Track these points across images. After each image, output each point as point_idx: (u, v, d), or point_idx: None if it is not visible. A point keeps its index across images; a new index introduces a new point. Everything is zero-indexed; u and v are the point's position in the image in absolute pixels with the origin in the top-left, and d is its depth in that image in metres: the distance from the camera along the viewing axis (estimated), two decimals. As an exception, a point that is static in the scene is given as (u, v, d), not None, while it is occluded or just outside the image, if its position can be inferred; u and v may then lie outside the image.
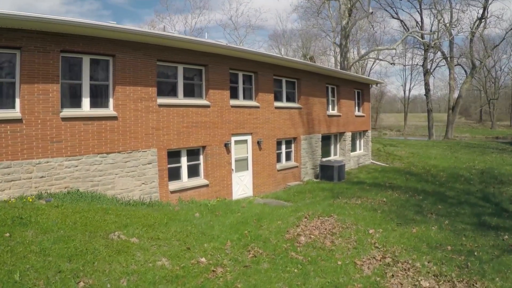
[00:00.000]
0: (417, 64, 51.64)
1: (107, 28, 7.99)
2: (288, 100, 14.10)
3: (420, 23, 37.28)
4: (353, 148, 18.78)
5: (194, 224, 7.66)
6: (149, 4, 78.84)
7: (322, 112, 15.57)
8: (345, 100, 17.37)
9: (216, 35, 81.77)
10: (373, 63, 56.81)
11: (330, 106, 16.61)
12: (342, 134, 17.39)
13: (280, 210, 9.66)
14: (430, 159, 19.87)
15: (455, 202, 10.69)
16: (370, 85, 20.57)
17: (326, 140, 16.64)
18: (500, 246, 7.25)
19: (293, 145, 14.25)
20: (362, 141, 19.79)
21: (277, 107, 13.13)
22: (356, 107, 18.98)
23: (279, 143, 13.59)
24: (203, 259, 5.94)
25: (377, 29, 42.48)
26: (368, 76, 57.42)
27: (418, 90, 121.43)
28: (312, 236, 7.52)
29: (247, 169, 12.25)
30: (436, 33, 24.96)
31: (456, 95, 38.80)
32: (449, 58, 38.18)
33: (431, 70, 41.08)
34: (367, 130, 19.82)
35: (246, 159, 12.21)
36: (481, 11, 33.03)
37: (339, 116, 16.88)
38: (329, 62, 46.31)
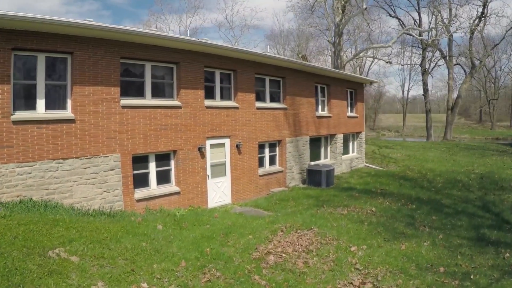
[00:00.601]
0: (415, 64, 50.86)
1: (63, 24, 7.22)
2: (272, 100, 13.15)
3: (418, 21, 36.38)
4: (346, 151, 17.80)
5: (151, 239, 6.77)
6: (149, 4, 78.33)
7: (311, 113, 14.61)
8: (336, 100, 16.40)
9: (212, 35, 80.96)
10: (371, 63, 55.97)
11: (320, 106, 15.65)
12: (333, 136, 16.42)
13: (256, 221, 8.78)
14: (427, 162, 18.88)
15: (452, 212, 9.72)
16: (364, 85, 19.61)
17: (316, 142, 15.69)
18: (501, 266, 6.30)
19: (277, 148, 13.29)
20: (355, 143, 18.81)
21: (259, 108, 12.18)
22: (349, 108, 18.01)
23: (261, 147, 12.63)
24: (145, 285, 5.01)
25: (375, 28, 41.62)
26: (367, 76, 56.50)
27: (417, 91, 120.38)
28: (283, 255, 6.56)
29: (225, 175, 11.30)
30: (433, 29, 23.94)
31: (455, 95, 37.84)
32: (447, 57, 37.24)
33: (429, 70, 40.13)
34: (360, 132, 18.85)
35: (223, 164, 11.26)
36: (480, 9, 32.14)
37: (330, 117, 15.91)
38: (326, 62, 45.34)
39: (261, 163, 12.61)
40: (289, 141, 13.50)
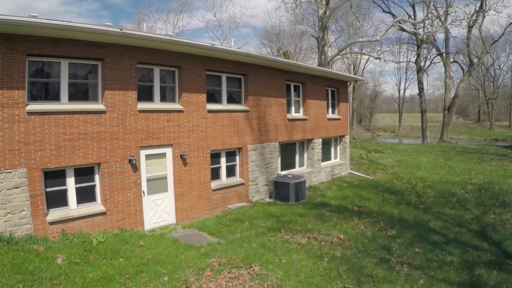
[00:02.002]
0: (409, 61, 48.90)
1: None
2: (231, 101, 11.14)
3: (412, 17, 34.40)
4: (326, 157, 15.79)
5: (32, 280, 5.29)
6: (148, 4, 76.35)
7: (281, 115, 12.60)
8: (314, 101, 14.39)
9: (204, 35, 78.96)
10: (366, 62, 54.12)
11: (293, 108, 13.63)
12: (310, 141, 14.41)
13: (187, 252, 7.09)
14: (418, 169, 16.85)
15: (441, 241, 7.71)
16: (349, 83, 17.59)
17: (289, 149, 13.70)
18: None
19: (237, 157, 11.27)
20: (338, 148, 16.80)
21: (211, 111, 10.19)
22: (330, 109, 15.98)
23: (216, 156, 10.63)
24: None
25: (370, 26, 39.71)
26: (362, 75, 54.44)
27: (414, 90, 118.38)
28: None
29: (167, 191, 9.33)
30: (426, 21, 21.89)
31: (452, 94, 35.78)
32: (444, 54, 35.24)
33: (425, 68, 38.13)
34: (344, 136, 16.82)
35: (164, 178, 9.29)
36: (478, 4, 30.13)
37: (305, 119, 13.89)
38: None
39: (216, 175, 10.62)
40: (252, 149, 11.48)
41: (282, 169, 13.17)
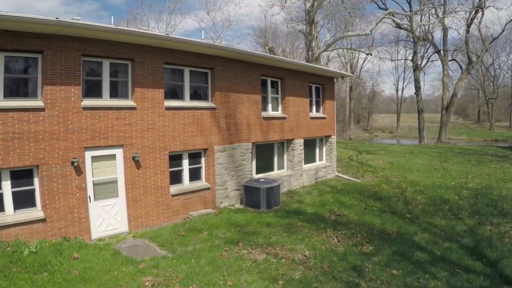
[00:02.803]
0: (406, 59, 47.75)
1: None
2: (196, 97, 10.02)
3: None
4: (310, 159, 14.63)
5: None
6: (148, 5, 75.44)
7: (255, 113, 11.45)
8: (294, 98, 13.23)
9: (201, 35, 77.70)
10: (364, 61, 52.85)
11: (270, 105, 12.48)
12: (289, 141, 13.25)
13: (123, 268, 6.24)
14: (411, 172, 15.67)
15: (425, 260, 6.52)
16: (336, 79, 16.39)
17: (266, 150, 12.55)
18: None
19: (203, 159, 10.12)
20: (323, 149, 15.63)
21: (170, 108, 9.06)
22: (314, 107, 14.82)
23: (176, 158, 9.49)
24: None
25: (366, 24, 38.50)
26: (359, 74, 53.25)
27: (413, 89, 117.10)
28: None
29: (118, 196, 8.25)
30: (421, 14, 20.70)
31: (451, 93, 34.58)
32: (442, 52, 34.01)
33: (422, 66, 36.93)
34: (330, 136, 15.65)
35: (115, 182, 8.22)
36: (477, 1, 28.96)
37: (284, 118, 12.74)
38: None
39: (177, 179, 9.49)
40: (220, 150, 10.33)
41: (258, 172, 12.03)
